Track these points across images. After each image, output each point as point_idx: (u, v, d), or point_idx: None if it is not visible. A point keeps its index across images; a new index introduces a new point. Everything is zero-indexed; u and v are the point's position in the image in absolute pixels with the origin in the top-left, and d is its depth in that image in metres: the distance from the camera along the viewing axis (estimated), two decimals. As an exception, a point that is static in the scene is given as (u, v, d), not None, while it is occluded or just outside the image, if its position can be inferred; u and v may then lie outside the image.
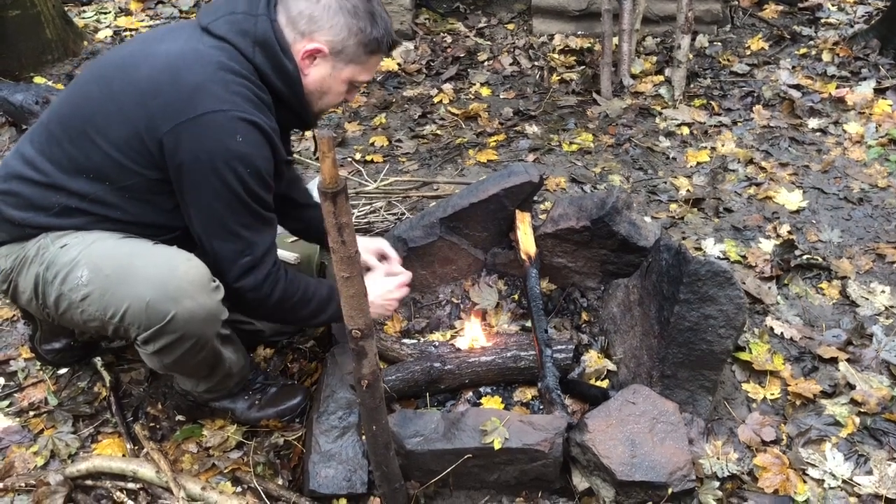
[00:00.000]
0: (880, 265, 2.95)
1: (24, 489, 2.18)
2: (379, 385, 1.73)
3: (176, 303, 1.84)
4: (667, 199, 3.44)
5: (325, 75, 1.96)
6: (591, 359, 2.48)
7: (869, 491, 2.12)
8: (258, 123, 1.82)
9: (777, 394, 2.42)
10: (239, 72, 1.83)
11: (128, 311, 1.84)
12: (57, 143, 1.92)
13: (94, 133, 1.85)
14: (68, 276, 1.88)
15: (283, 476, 2.24)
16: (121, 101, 1.83)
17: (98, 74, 1.92)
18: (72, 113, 1.91)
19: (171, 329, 1.87)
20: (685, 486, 2.00)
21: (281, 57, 1.88)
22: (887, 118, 3.84)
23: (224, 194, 1.83)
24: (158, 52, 1.84)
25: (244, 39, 1.85)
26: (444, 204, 2.69)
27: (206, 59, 1.81)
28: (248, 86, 1.84)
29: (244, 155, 1.80)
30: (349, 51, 1.93)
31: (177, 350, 1.94)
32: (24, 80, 4.48)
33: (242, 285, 1.96)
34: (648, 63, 4.57)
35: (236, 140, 1.78)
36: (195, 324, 1.90)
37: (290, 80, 1.91)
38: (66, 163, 1.90)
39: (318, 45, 1.90)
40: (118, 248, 1.91)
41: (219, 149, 1.78)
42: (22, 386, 2.56)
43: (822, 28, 4.86)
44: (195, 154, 1.79)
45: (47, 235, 1.94)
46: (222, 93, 1.78)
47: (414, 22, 5.24)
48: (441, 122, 4.24)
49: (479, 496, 2.15)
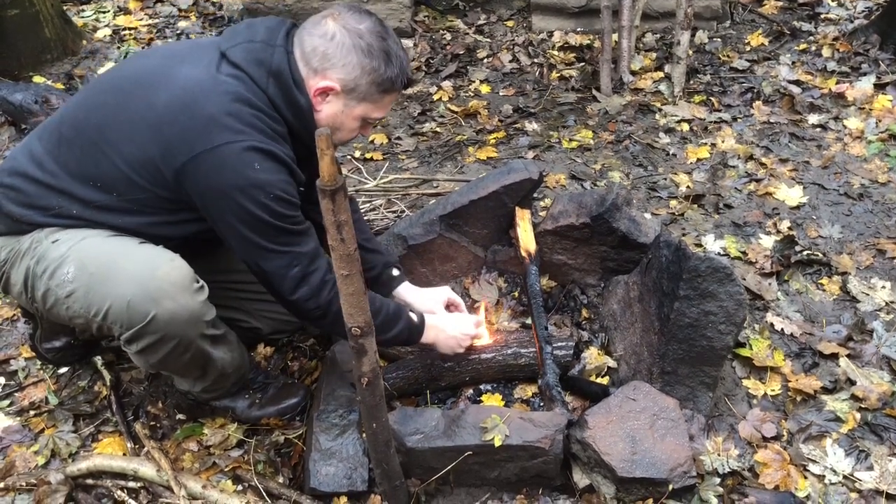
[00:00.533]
0: (881, 261, 2.95)
1: (24, 488, 2.18)
2: (379, 383, 1.73)
3: (156, 303, 1.83)
4: (667, 195, 3.44)
5: (337, 112, 1.95)
6: (591, 355, 2.48)
7: (870, 486, 2.12)
8: (273, 152, 1.82)
9: (777, 390, 2.42)
10: (254, 103, 1.83)
11: (110, 309, 1.85)
12: (67, 146, 1.91)
13: (107, 146, 1.86)
14: (56, 271, 1.89)
15: (284, 474, 2.24)
16: (135, 122, 1.83)
17: (116, 86, 1.92)
18: (85, 120, 1.91)
19: (152, 329, 1.86)
20: (686, 482, 2.00)
21: (293, 91, 1.87)
22: (887, 113, 3.83)
23: (250, 222, 1.83)
24: (178, 77, 1.84)
25: (259, 69, 1.84)
26: (444, 201, 2.69)
27: (222, 89, 1.80)
28: (262, 117, 1.84)
29: (263, 183, 1.80)
30: (362, 89, 1.91)
31: (160, 350, 1.93)
32: (24, 79, 4.48)
33: (299, 297, 1.94)
34: (648, 59, 4.57)
35: (254, 169, 1.78)
36: (176, 325, 1.89)
37: (302, 113, 1.91)
38: (75, 168, 1.90)
39: (331, 84, 1.88)
40: (105, 246, 1.91)
41: (237, 179, 1.78)
42: (22, 385, 2.56)
43: (821, 23, 4.85)
44: (214, 186, 1.80)
45: (42, 230, 1.95)
46: (237, 124, 1.78)
47: (413, 19, 5.24)
48: (441, 119, 4.23)
49: (480, 493, 2.15)
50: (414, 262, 2.71)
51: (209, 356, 2.10)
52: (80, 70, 4.72)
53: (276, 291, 1.96)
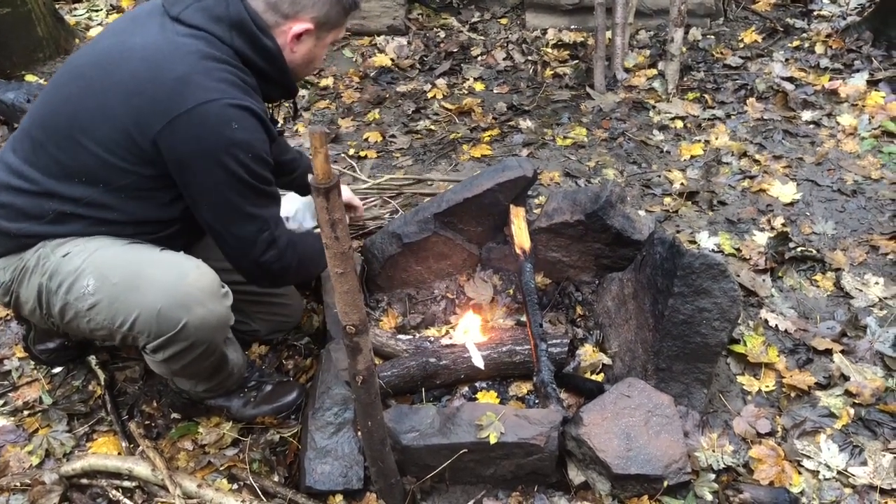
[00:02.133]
0: (874, 257, 2.96)
1: (19, 488, 2.18)
2: (374, 381, 1.73)
3: (188, 310, 1.84)
4: (661, 192, 3.44)
5: (310, 47, 1.97)
6: (585, 353, 2.49)
7: (864, 482, 2.13)
8: (250, 108, 1.81)
9: (772, 386, 2.42)
10: (220, 58, 1.80)
11: (138, 319, 1.83)
12: (42, 148, 1.87)
13: (80, 135, 1.81)
14: (73, 285, 1.86)
15: (280, 473, 2.24)
16: (104, 101, 1.79)
17: (76, 74, 1.88)
18: (54, 116, 1.87)
19: (182, 337, 1.87)
20: (681, 478, 2.00)
21: (260, 37, 1.86)
22: (880, 110, 3.84)
23: (232, 183, 1.82)
24: (135, 47, 1.80)
25: (219, 25, 1.82)
26: (439, 199, 2.69)
27: (186, 49, 1.77)
28: (233, 70, 1.82)
29: (243, 141, 1.79)
30: (332, 19, 1.94)
31: (187, 356, 1.94)
32: (16, 78, 4.46)
33: (267, 259, 1.97)
34: (642, 57, 4.57)
35: (232, 128, 1.76)
36: (206, 331, 1.90)
37: (273, 57, 1.90)
38: (55, 168, 1.86)
39: (308, 25, 1.90)
40: (124, 256, 1.89)
41: (217, 140, 1.76)
42: (16, 385, 2.55)
43: (814, 20, 4.86)
44: (194, 148, 1.77)
45: (46, 244, 1.91)
46: (208, 82, 1.75)
47: (407, 17, 5.23)
48: (435, 117, 4.23)
49: (476, 491, 2.15)
50: (409, 259, 2.71)
51: (226, 358, 2.12)
52: (73, 69, 4.69)
53: (242, 254, 1.96)
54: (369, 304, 2.75)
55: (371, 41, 5.10)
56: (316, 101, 4.45)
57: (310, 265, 2.18)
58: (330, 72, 4.77)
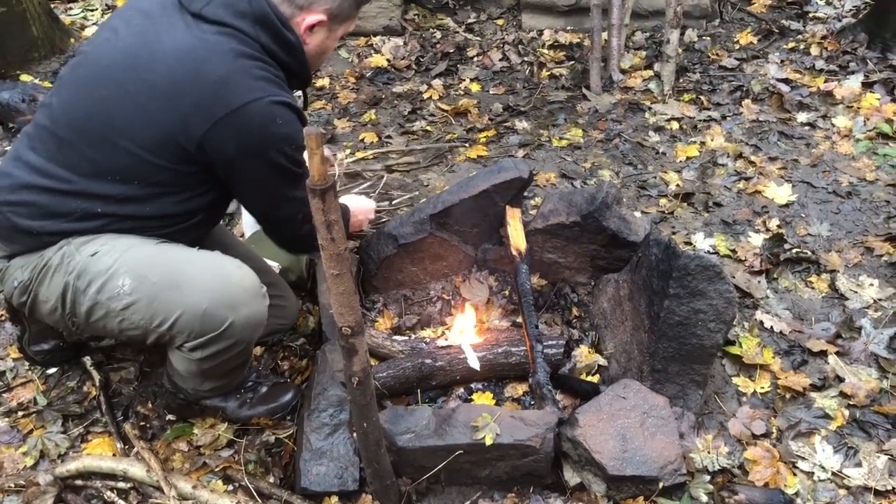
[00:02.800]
0: (869, 258, 2.97)
1: (13, 490, 2.17)
2: (369, 382, 1.73)
3: (234, 310, 1.88)
4: (656, 193, 3.45)
5: (322, 39, 2.01)
6: (581, 354, 2.49)
7: (858, 483, 2.13)
8: (289, 103, 1.86)
9: (767, 387, 2.43)
10: (253, 55, 1.83)
11: (180, 318, 1.85)
12: (71, 147, 1.86)
13: (118, 137, 1.82)
14: (106, 284, 1.86)
15: (275, 474, 2.24)
16: (142, 104, 1.79)
17: (105, 76, 1.85)
18: (85, 117, 1.86)
19: (226, 336, 1.90)
20: (676, 479, 2.01)
21: (282, 31, 1.88)
22: (875, 112, 3.85)
23: (278, 174, 1.91)
24: (166, 48, 1.80)
25: (244, 21, 1.83)
26: (435, 200, 2.69)
27: (220, 48, 1.79)
28: (266, 67, 1.86)
29: (287, 136, 1.85)
30: (344, 12, 1.98)
31: (224, 355, 1.97)
32: (11, 78, 4.45)
33: (304, 233, 2.07)
34: (638, 58, 4.58)
35: (277, 124, 1.82)
36: (248, 330, 1.95)
37: (294, 50, 1.93)
38: (87, 167, 1.86)
39: (321, 17, 1.93)
40: (161, 255, 1.90)
41: (265, 137, 1.82)
42: (10, 386, 2.54)
43: (810, 22, 4.87)
44: (244, 147, 1.82)
45: (70, 242, 1.90)
46: (248, 80, 1.79)
47: (403, 18, 5.23)
48: (431, 118, 4.23)
49: (471, 492, 2.15)
50: (405, 261, 2.70)
51: (251, 356, 2.18)
52: (68, 68, 4.69)
53: (287, 232, 2.11)
54: (365, 306, 2.75)
55: (367, 42, 5.10)
56: (312, 101, 4.45)
57: None
58: (326, 72, 4.77)
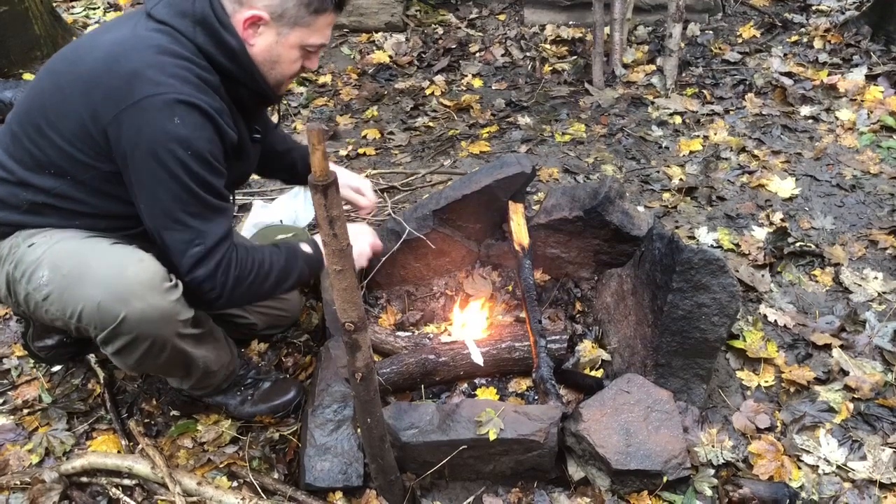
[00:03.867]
0: (873, 251, 2.96)
1: (19, 487, 2.18)
2: (373, 378, 1.73)
3: (125, 303, 1.80)
4: (659, 188, 3.44)
5: (271, 43, 1.89)
6: (585, 348, 2.49)
7: (863, 476, 2.13)
8: (197, 104, 1.75)
9: (771, 381, 2.43)
10: (179, 53, 1.78)
11: (83, 311, 1.82)
12: (18, 140, 1.89)
13: (48, 128, 1.83)
14: (33, 275, 1.87)
15: (279, 470, 2.24)
16: (67, 95, 1.79)
17: (50, 69, 1.90)
18: (28, 109, 1.89)
19: (124, 330, 1.83)
20: (680, 473, 2.01)
21: (222, 33, 1.82)
22: (879, 105, 3.84)
23: (166, 181, 1.75)
24: (102, 42, 1.80)
25: (183, 20, 1.81)
26: (437, 196, 2.69)
27: (144, 43, 1.76)
28: (189, 67, 1.78)
29: (183, 137, 1.73)
30: (290, 13, 1.84)
31: (135, 351, 1.90)
32: (13, 76, 4.45)
33: (195, 277, 1.85)
34: (640, 52, 4.57)
35: (174, 122, 1.72)
36: (148, 324, 1.84)
37: (235, 55, 1.85)
38: (28, 159, 1.87)
39: (257, 12, 1.83)
40: (78, 248, 1.88)
41: (157, 133, 1.71)
42: (15, 384, 2.55)
43: (813, 15, 4.86)
44: (135, 140, 1.73)
45: (20, 234, 1.92)
46: (159, 76, 1.73)
47: (405, 14, 5.22)
48: (433, 114, 4.23)
49: (475, 487, 2.15)
50: (408, 256, 2.71)
51: (189, 355, 2.05)
52: (71, 67, 4.69)
53: (175, 266, 1.86)
54: (368, 302, 2.75)
55: (369, 38, 5.10)
56: (314, 98, 4.45)
57: (252, 287, 1.95)
58: (328, 69, 4.76)
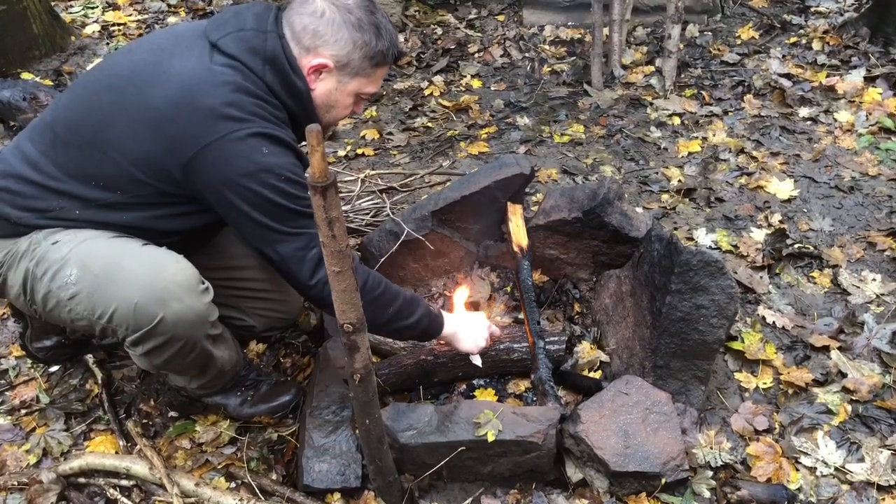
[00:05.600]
0: (871, 253, 2.96)
1: (16, 487, 2.17)
2: (371, 379, 1.73)
3: (164, 305, 1.82)
4: (658, 189, 3.44)
5: (331, 89, 1.95)
6: (583, 350, 2.49)
7: (861, 478, 2.13)
8: (278, 136, 1.81)
9: (769, 383, 2.43)
10: (253, 91, 1.81)
11: (116, 312, 1.83)
12: (63, 147, 1.88)
13: (107, 146, 1.83)
14: (58, 273, 1.86)
15: (277, 471, 2.24)
16: (134, 120, 1.80)
17: (109, 85, 1.88)
18: (80, 121, 1.88)
19: (159, 331, 1.85)
20: (678, 475, 2.01)
21: (291, 75, 1.86)
22: (877, 106, 3.84)
23: (264, 206, 1.80)
24: (172, 72, 1.81)
25: (255, 58, 1.83)
26: (436, 197, 2.69)
27: (220, 80, 1.78)
28: (263, 105, 1.83)
29: (273, 166, 1.79)
30: (354, 64, 1.91)
31: (166, 352, 1.92)
32: (11, 76, 4.45)
33: (318, 279, 1.88)
34: (639, 53, 4.57)
35: (262, 153, 1.77)
36: (183, 326, 1.88)
37: (300, 96, 1.90)
38: (75, 169, 1.87)
39: (324, 61, 1.88)
40: (108, 248, 1.88)
41: (247, 165, 1.76)
42: (13, 384, 2.54)
43: (812, 16, 4.86)
44: (225, 176, 1.78)
45: (39, 231, 1.92)
46: (239, 113, 1.77)
47: (404, 14, 5.23)
48: (432, 114, 4.23)
49: (474, 488, 2.15)
50: (406, 258, 2.70)
51: (211, 355, 2.09)
52: (69, 66, 4.69)
53: (294, 276, 1.91)
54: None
55: (368, 38, 5.09)
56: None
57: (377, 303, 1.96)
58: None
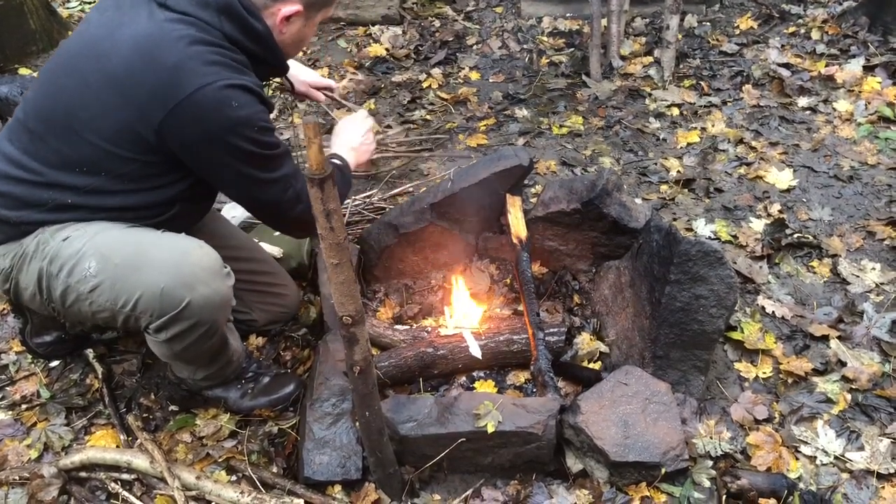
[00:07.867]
0: (870, 242, 2.96)
1: (18, 482, 2.18)
2: (371, 371, 1.73)
3: (191, 289, 1.85)
4: (657, 180, 3.44)
5: (300, 27, 1.99)
6: (583, 341, 2.49)
7: (861, 467, 2.13)
8: (246, 85, 1.82)
9: (769, 372, 2.43)
10: (210, 41, 1.80)
11: (140, 299, 1.84)
12: (41, 140, 1.88)
13: (80, 127, 1.83)
14: (75, 268, 1.87)
15: (278, 464, 2.24)
16: (100, 93, 1.80)
17: (68, 66, 1.88)
18: (51, 108, 1.88)
19: (186, 315, 1.88)
20: (678, 465, 2.01)
21: (248, 19, 1.86)
22: (876, 95, 3.83)
23: (244, 158, 1.85)
24: (124, 37, 1.79)
25: (206, 11, 1.82)
26: (435, 189, 2.68)
27: (175, 35, 1.77)
28: (223, 52, 1.82)
29: (246, 118, 1.81)
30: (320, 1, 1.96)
31: (189, 336, 1.95)
32: (9, 71, 4.45)
33: (298, 213, 2.00)
34: (637, 44, 4.55)
35: (232, 107, 1.78)
36: (209, 310, 1.92)
37: (262, 38, 1.91)
38: (55, 159, 1.87)
39: (296, 7, 1.91)
40: (126, 237, 1.90)
41: (221, 121, 1.78)
42: (14, 379, 2.55)
43: (810, 6, 4.84)
44: (200, 134, 1.79)
45: (45, 230, 1.92)
46: (201, 66, 1.76)
47: (402, 6, 5.21)
48: (430, 107, 4.22)
49: (474, 479, 2.15)
50: (406, 250, 2.70)
51: (227, 342, 2.14)
52: (66, 61, 4.68)
53: (277, 216, 2.03)
54: (366, 295, 2.75)
55: (366, 31, 5.08)
56: (311, 91, 4.43)
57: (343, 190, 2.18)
58: (325, 62, 4.75)
